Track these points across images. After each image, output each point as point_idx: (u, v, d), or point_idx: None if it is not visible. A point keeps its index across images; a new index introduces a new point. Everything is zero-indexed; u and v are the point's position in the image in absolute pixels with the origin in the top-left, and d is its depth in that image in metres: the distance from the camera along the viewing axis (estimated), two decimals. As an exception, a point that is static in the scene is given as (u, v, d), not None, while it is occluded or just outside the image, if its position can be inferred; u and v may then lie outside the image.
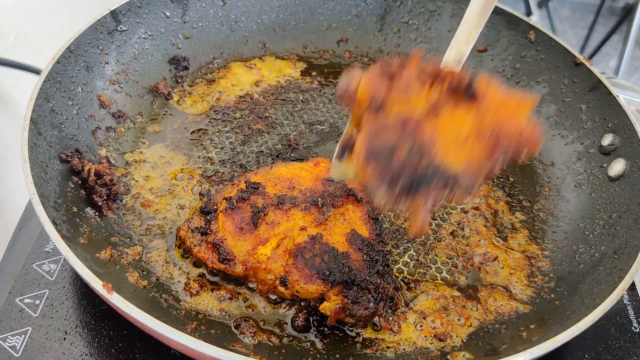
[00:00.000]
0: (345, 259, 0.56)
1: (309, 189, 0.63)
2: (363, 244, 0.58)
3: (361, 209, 0.62)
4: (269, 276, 0.56)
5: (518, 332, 0.55)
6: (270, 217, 0.59)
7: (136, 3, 0.81)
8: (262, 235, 0.58)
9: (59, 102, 0.67)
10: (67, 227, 0.56)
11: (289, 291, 0.56)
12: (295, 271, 0.55)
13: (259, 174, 0.65)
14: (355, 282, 0.54)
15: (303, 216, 0.60)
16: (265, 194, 0.61)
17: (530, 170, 0.77)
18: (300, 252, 0.56)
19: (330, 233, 0.59)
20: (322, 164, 0.67)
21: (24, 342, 0.55)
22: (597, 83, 0.73)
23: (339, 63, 0.95)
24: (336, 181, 0.63)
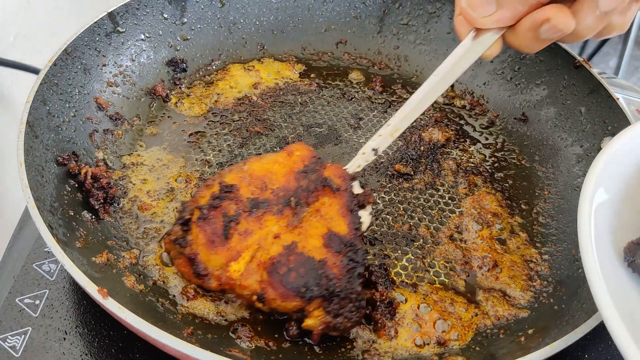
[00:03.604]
0: (323, 268, 0.53)
1: (281, 187, 0.60)
2: (341, 245, 0.55)
3: (338, 201, 0.59)
4: (245, 292, 0.54)
5: (516, 337, 0.55)
6: (243, 225, 0.56)
7: (134, 5, 0.81)
8: (234, 248, 0.55)
9: (56, 105, 0.66)
10: (63, 231, 0.55)
11: (266, 307, 0.54)
12: (271, 289, 0.52)
13: (234, 171, 0.61)
14: (335, 294, 0.52)
15: (277, 221, 0.57)
16: (238, 198, 0.58)
17: (529, 173, 0.76)
18: (275, 268, 0.53)
19: (306, 237, 0.56)
20: (297, 153, 0.63)
21: (23, 342, 0.55)
22: (596, 86, 0.73)
23: (337, 65, 0.94)
24: (310, 172, 0.60)
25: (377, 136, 0.63)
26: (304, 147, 0.64)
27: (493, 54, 0.56)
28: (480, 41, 0.55)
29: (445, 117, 0.84)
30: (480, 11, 0.52)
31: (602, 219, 0.47)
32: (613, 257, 0.46)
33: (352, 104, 0.86)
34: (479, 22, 0.53)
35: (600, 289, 0.41)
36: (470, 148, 0.80)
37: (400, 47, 0.95)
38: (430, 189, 0.73)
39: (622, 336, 0.39)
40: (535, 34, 0.51)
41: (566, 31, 0.49)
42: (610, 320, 0.40)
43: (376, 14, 0.96)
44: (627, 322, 0.40)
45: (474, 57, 0.57)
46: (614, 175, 0.50)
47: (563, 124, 0.77)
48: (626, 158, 0.51)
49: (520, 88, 0.84)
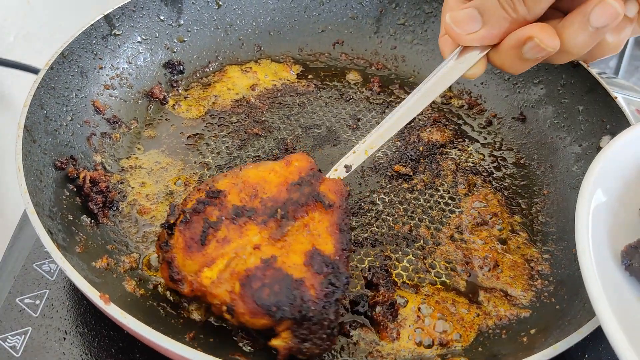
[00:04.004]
0: (299, 288, 0.49)
1: (271, 197, 0.57)
2: (323, 266, 0.51)
3: (329, 218, 0.56)
4: (215, 301, 0.51)
5: (518, 337, 0.55)
6: (222, 232, 0.53)
7: (130, 7, 0.81)
8: (210, 255, 0.52)
9: (53, 109, 0.66)
10: (62, 236, 0.55)
11: (235, 320, 0.51)
12: (241, 303, 0.49)
13: (228, 177, 0.59)
14: (307, 317, 0.48)
15: (259, 231, 0.54)
16: (223, 204, 0.55)
17: (528, 173, 0.76)
18: (249, 282, 0.50)
19: (289, 251, 0.52)
20: (295, 163, 0.60)
21: (24, 342, 0.55)
22: (594, 85, 0.73)
23: (335, 66, 0.94)
24: (305, 184, 0.58)
25: (351, 153, 0.62)
26: (304, 158, 0.62)
27: (477, 73, 0.55)
28: (464, 60, 0.54)
29: (443, 117, 0.84)
30: (464, 28, 0.51)
31: (599, 221, 0.47)
32: (610, 260, 0.46)
33: (350, 104, 0.86)
34: (463, 39, 0.52)
35: (597, 293, 0.41)
36: (469, 148, 0.80)
37: (398, 47, 0.95)
38: (430, 189, 0.73)
39: (618, 340, 0.39)
40: (519, 52, 0.50)
41: (550, 51, 0.48)
42: (607, 324, 0.40)
43: (373, 15, 0.96)
44: (624, 325, 0.40)
45: (457, 75, 0.56)
46: (612, 177, 0.50)
47: (561, 123, 0.77)
48: (624, 160, 0.51)
49: (518, 87, 0.84)
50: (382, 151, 0.77)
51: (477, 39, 0.51)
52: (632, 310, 0.43)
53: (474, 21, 0.51)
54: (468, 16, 0.51)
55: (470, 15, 0.51)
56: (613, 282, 0.44)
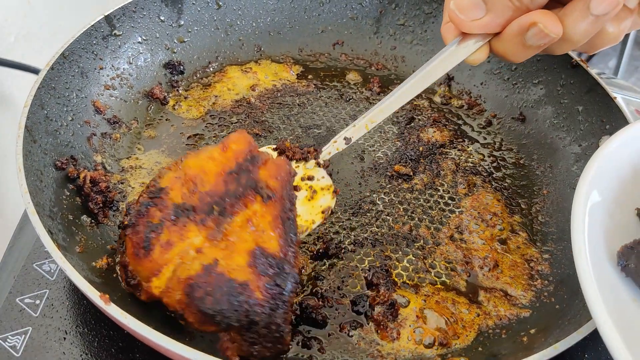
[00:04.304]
0: (244, 293, 0.46)
1: (209, 190, 0.52)
2: (267, 266, 0.48)
3: (271, 211, 0.51)
4: (170, 309, 0.49)
5: (518, 337, 0.55)
6: (165, 236, 0.50)
7: (131, 8, 0.81)
8: (156, 261, 0.49)
9: (54, 109, 0.66)
10: (63, 236, 0.55)
11: (189, 326, 0.49)
12: (188, 313, 0.48)
13: (172, 170, 0.54)
14: (254, 322, 0.46)
15: (199, 232, 0.50)
16: (164, 203, 0.51)
17: (528, 172, 0.76)
18: (192, 291, 0.47)
19: (232, 252, 0.49)
20: (232, 146, 0.55)
21: (24, 342, 0.54)
22: (594, 85, 0.73)
23: (335, 66, 0.94)
24: (242, 172, 0.53)
25: (351, 126, 0.63)
26: (243, 139, 0.56)
27: (479, 59, 0.55)
28: (466, 46, 0.55)
29: (443, 117, 0.84)
30: (468, 15, 0.52)
31: (595, 221, 0.47)
32: (606, 261, 0.46)
33: (350, 104, 0.86)
34: (466, 25, 0.52)
35: (593, 293, 0.41)
36: (468, 148, 0.80)
37: (397, 48, 0.95)
38: (430, 189, 0.73)
39: (614, 341, 0.39)
40: (522, 39, 0.50)
41: (553, 37, 0.49)
42: (602, 325, 0.40)
43: (373, 15, 0.96)
44: (619, 325, 0.40)
45: (458, 59, 0.56)
46: (608, 177, 0.50)
47: (561, 123, 0.77)
48: (620, 160, 0.51)
49: (517, 87, 0.84)
50: (382, 151, 0.78)
51: (481, 26, 0.52)
52: (628, 311, 0.43)
53: (478, 8, 0.51)
54: (472, 3, 0.51)
55: (475, 3, 0.51)
56: (609, 283, 0.44)
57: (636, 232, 0.48)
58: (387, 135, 0.80)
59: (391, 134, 0.81)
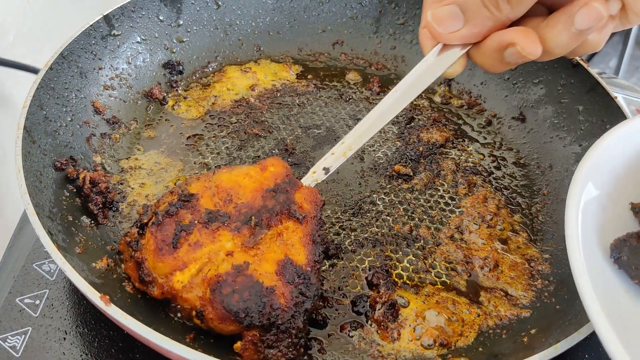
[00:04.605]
0: (269, 296, 0.49)
1: (246, 203, 0.56)
2: (295, 275, 0.51)
3: (303, 229, 0.56)
4: (185, 305, 0.52)
5: (519, 337, 0.55)
6: (195, 237, 0.53)
7: (129, 7, 0.80)
8: (182, 258, 0.52)
9: (53, 109, 0.66)
10: (62, 236, 0.55)
11: (204, 325, 0.51)
12: (210, 308, 0.49)
13: (201, 180, 0.59)
14: (275, 325, 0.49)
15: (232, 237, 0.54)
16: (196, 208, 0.55)
17: (528, 172, 0.76)
18: (219, 287, 0.50)
19: (261, 260, 0.52)
20: (271, 168, 0.60)
21: (24, 342, 0.55)
22: (594, 84, 0.73)
23: (334, 66, 0.94)
24: (280, 192, 0.57)
25: (329, 154, 0.60)
26: (280, 164, 0.61)
27: (456, 71, 0.54)
28: (444, 57, 0.53)
29: (443, 117, 0.84)
30: (446, 26, 0.50)
31: (589, 215, 0.47)
32: (599, 254, 0.46)
33: (350, 104, 0.86)
34: (444, 37, 0.51)
35: (585, 285, 0.42)
36: (468, 148, 0.80)
37: (397, 48, 0.95)
38: (430, 189, 0.73)
39: (606, 333, 0.39)
40: (500, 55, 0.49)
41: (531, 57, 0.48)
42: (594, 316, 0.40)
43: (372, 14, 0.96)
44: (611, 317, 0.40)
45: (437, 73, 0.54)
46: (603, 171, 0.50)
47: (561, 123, 0.77)
48: (615, 155, 0.51)
49: (517, 87, 0.84)
50: (382, 151, 0.77)
51: (459, 37, 0.51)
52: (620, 303, 0.44)
53: (456, 19, 0.50)
54: (450, 14, 0.50)
55: (452, 13, 0.50)
56: (602, 275, 0.45)
57: (629, 226, 0.48)
58: (387, 135, 0.80)
59: (391, 134, 0.80)
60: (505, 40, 0.48)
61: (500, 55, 0.49)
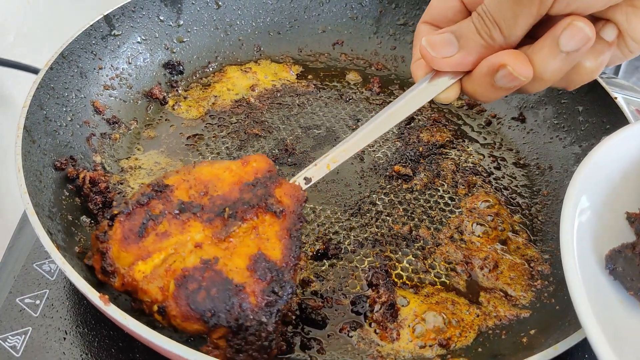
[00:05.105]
0: (238, 295, 0.46)
1: (222, 195, 0.53)
2: (267, 272, 0.48)
3: (280, 223, 0.52)
4: (146, 298, 0.48)
5: (518, 337, 0.55)
6: (163, 227, 0.50)
7: (130, 7, 0.81)
8: (147, 248, 0.49)
9: (53, 109, 0.66)
10: (62, 236, 0.55)
11: (166, 322, 0.47)
12: (174, 305, 0.46)
13: (180, 173, 0.55)
14: (243, 327, 0.45)
15: (203, 229, 0.51)
16: (169, 199, 0.52)
17: (528, 173, 0.76)
18: (184, 282, 0.46)
19: (232, 254, 0.49)
20: (253, 164, 0.57)
21: (24, 342, 0.54)
22: (594, 85, 0.73)
23: (334, 66, 0.94)
24: (259, 186, 0.54)
25: (312, 165, 0.59)
26: (263, 159, 0.58)
27: (450, 98, 0.54)
28: (436, 84, 0.53)
29: (443, 118, 0.84)
30: (440, 52, 0.50)
31: (584, 225, 0.47)
32: (594, 264, 0.46)
33: (350, 105, 0.86)
34: (437, 63, 0.51)
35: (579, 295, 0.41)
36: (468, 148, 0.80)
37: (397, 48, 0.95)
38: (430, 190, 0.73)
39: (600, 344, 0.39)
40: (491, 80, 0.48)
41: (523, 79, 0.47)
42: (588, 327, 0.40)
43: (373, 15, 0.96)
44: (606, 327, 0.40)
45: (428, 97, 0.54)
46: (598, 181, 0.49)
47: (561, 123, 0.77)
48: (610, 164, 0.51)
49: (517, 88, 0.84)
50: (382, 151, 0.77)
51: (452, 63, 0.50)
52: (615, 313, 0.44)
53: (450, 45, 0.49)
54: (444, 40, 0.50)
55: (447, 40, 0.50)
56: (597, 286, 0.44)
57: (625, 236, 0.47)
58: (387, 136, 0.80)
59: (391, 134, 0.80)
60: (496, 62, 0.47)
61: (491, 80, 0.49)
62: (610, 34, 0.46)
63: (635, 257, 0.44)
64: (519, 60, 0.47)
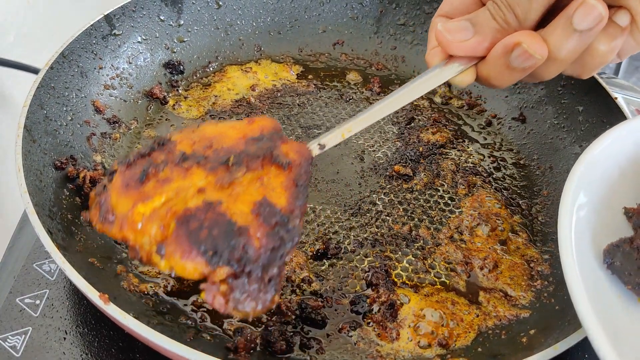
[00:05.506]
0: (242, 236, 0.44)
1: (226, 148, 0.51)
2: (273, 217, 0.46)
3: (286, 174, 0.50)
4: (145, 239, 0.45)
5: (518, 337, 0.55)
6: (165, 174, 0.48)
7: (130, 7, 0.81)
8: (146, 192, 0.47)
9: (53, 109, 0.66)
10: (62, 235, 0.55)
11: (164, 263, 0.44)
12: (174, 242, 0.44)
13: (183, 132, 0.53)
14: (246, 269, 0.43)
15: (206, 176, 0.48)
16: (171, 151, 0.50)
17: (528, 173, 0.76)
18: (186, 220, 0.44)
19: (236, 200, 0.47)
20: (258, 122, 0.55)
21: (24, 342, 0.54)
22: (594, 85, 0.73)
23: (335, 66, 0.94)
24: (265, 140, 0.52)
25: (327, 133, 0.58)
26: (270, 120, 0.55)
27: (466, 81, 0.54)
28: (451, 67, 0.53)
29: (443, 118, 0.84)
30: (456, 36, 0.51)
31: (582, 221, 0.47)
32: (593, 259, 0.46)
33: (350, 105, 0.86)
34: (453, 46, 0.51)
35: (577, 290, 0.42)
36: (468, 148, 0.80)
37: (398, 48, 0.95)
38: (430, 190, 0.73)
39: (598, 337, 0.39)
40: (506, 61, 0.49)
41: (538, 58, 0.48)
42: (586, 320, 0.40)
43: (373, 15, 0.96)
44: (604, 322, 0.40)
45: (444, 78, 0.54)
46: (596, 177, 0.50)
47: (561, 123, 0.77)
48: (608, 160, 0.51)
49: (517, 88, 0.84)
50: (382, 151, 0.77)
51: (467, 47, 0.51)
52: (613, 308, 0.44)
53: (466, 30, 0.50)
54: (460, 26, 0.51)
55: (463, 25, 0.51)
56: (595, 281, 0.44)
57: (623, 230, 0.48)
58: (387, 136, 0.80)
59: (391, 134, 0.80)
60: (511, 42, 0.48)
61: (506, 61, 0.49)
62: (624, 19, 0.47)
63: (633, 252, 0.44)
64: (533, 39, 0.47)
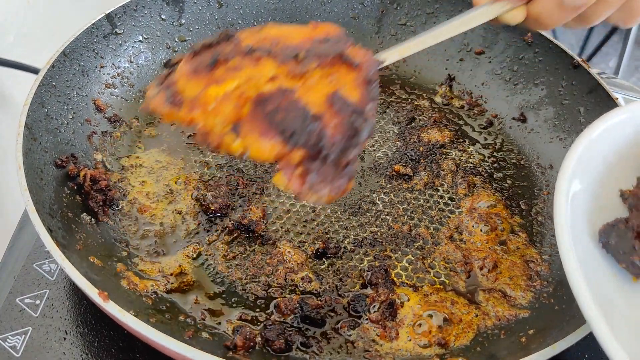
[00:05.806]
0: (316, 123, 0.43)
1: (294, 45, 0.49)
2: (347, 107, 0.45)
3: (358, 72, 0.49)
4: (217, 120, 0.44)
5: (517, 337, 0.55)
6: (235, 62, 0.47)
7: (132, 6, 0.81)
8: (217, 78, 0.46)
9: (54, 107, 0.66)
10: (62, 233, 0.55)
11: (239, 144, 0.44)
12: (250, 122, 0.43)
13: (247, 31, 0.51)
14: (322, 152, 0.43)
15: (277, 66, 0.46)
16: (238, 44, 0.48)
17: (529, 173, 0.76)
18: (262, 102, 0.43)
19: (308, 90, 0.46)
20: (323, 27, 0.53)
21: (24, 342, 0.55)
22: (595, 85, 0.73)
23: (336, 66, 0.94)
24: (332, 42, 0.49)
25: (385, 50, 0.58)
26: (335, 27, 0.53)
27: (516, 18, 0.55)
28: (501, 5, 0.54)
29: (444, 118, 0.84)
30: None
31: (579, 203, 0.47)
32: (589, 240, 0.47)
33: (351, 104, 0.86)
34: None
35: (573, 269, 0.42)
36: (469, 148, 0.80)
37: (399, 48, 0.95)
38: (430, 190, 0.73)
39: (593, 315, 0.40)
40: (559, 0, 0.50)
41: None
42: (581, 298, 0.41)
43: (374, 15, 0.96)
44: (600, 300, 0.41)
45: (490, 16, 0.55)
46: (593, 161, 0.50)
47: (562, 124, 0.77)
48: (605, 144, 0.51)
49: (518, 88, 0.84)
50: (383, 151, 0.77)
51: None
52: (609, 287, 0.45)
53: None
54: None
55: None
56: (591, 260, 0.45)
57: (620, 213, 0.48)
58: (387, 135, 0.80)
59: (392, 134, 0.81)
60: None
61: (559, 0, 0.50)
62: None
63: (629, 231, 0.45)
64: None
